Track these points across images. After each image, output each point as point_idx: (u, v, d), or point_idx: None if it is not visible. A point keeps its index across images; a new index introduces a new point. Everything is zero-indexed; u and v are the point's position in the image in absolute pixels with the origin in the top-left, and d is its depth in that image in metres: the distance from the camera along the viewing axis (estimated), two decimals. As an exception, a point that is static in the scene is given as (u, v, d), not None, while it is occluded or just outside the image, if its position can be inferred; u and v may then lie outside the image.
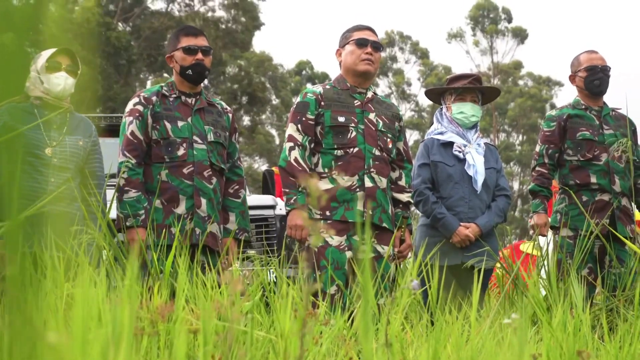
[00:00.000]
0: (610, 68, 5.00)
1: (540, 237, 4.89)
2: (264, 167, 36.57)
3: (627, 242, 3.84)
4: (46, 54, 3.98)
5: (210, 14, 33.05)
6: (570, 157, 4.91)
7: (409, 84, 44.22)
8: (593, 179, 4.83)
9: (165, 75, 30.37)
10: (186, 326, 1.96)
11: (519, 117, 41.97)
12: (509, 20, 42.76)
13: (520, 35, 42.57)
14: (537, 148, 5.03)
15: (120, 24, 30.22)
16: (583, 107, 5.00)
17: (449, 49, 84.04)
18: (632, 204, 4.91)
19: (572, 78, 5.08)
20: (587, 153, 4.86)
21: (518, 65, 43.07)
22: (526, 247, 6.85)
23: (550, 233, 4.95)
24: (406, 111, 43.53)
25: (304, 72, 43.17)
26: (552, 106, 40.16)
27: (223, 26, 32.88)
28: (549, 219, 4.93)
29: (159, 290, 2.67)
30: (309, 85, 32.26)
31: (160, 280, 3.17)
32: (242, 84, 32.51)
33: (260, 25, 33.37)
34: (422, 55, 44.15)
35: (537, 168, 4.99)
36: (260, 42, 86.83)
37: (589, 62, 4.99)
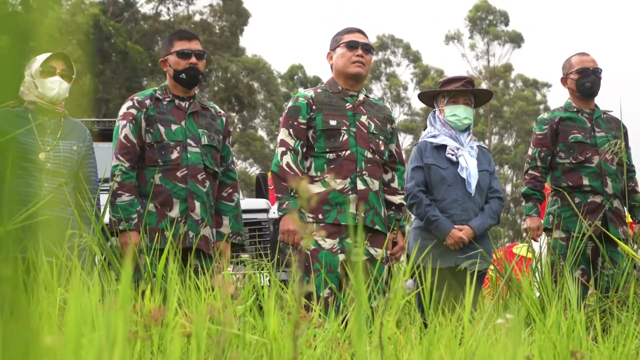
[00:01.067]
0: (601, 70, 5.02)
1: (533, 241, 4.90)
2: (257, 171, 36.51)
3: (620, 242, 3.85)
4: (41, 58, 3.98)
5: (198, 16, 32.95)
6: (562, 160, 4.92)
7: (405, 88, 44.21)
8: (585, 181, 4.84)
9: (159, 79, 30.31)
10: (180, 330, 1.96)
11: (513, 120, 42.01)
12: (506, 24, 42.80)
13: (516, 39, 42.58)
14: (530, 151, 5.05)
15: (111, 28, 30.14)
16: (575, 109, 5.01)
17: (443, 53, 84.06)
18: (624, 205, 4.93)
19: (564, 80, 5.09)
20: (579, 155, 4.88)
21: (508, 68, 43.12)
22: (519, 249, 6.87)
23: (543, 235, 4.96)
24: (399, 115, 43.52)
25: (296, 77, 43.13)
26: (547, 109, 40.22)
27: (215, 30, 32.80)
28: (542, 222, 4.94)
29: (151, 294, 2.67)
30: (300, 90, 32.11)
31: (153, 284, 3.17)
32: (232, 87, 32.42)
33: (248, 18, 33.08)
34: (415, 58, 44.14)
35: (530, 171, 5.00)
36: (252, 47, 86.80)
37: (580, 65, 5.00)
